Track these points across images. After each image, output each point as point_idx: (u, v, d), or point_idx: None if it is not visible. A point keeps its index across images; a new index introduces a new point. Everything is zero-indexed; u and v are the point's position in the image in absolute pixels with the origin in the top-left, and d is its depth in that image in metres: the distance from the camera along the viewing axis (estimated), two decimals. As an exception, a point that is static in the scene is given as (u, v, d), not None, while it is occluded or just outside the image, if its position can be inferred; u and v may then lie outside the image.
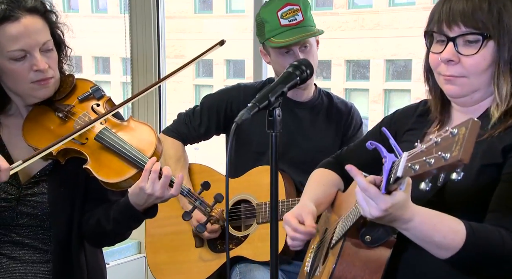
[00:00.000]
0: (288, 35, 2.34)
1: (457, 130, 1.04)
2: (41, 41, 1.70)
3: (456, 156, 1.01)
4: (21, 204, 1.76)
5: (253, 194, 2.45)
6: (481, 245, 1.31)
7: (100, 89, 1.85)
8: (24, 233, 1.78)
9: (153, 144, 1.75)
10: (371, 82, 10.39)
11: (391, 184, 1.20)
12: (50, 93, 1.77)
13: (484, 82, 1.46)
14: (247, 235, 2.44)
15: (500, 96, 1.44)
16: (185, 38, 10.25)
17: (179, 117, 2.60)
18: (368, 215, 1.26)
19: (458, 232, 1.30)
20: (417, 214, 1.28)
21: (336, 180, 1.81)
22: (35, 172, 1.79)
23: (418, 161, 1.09)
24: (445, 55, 1.45)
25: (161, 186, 1.67)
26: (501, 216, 1.36)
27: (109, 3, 11.33)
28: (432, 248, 1.33)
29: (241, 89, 2.53)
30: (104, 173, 1.71)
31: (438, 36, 1.47)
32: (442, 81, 1.50)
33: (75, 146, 1.75)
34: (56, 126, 1.79)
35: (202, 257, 2.51)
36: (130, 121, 1.83)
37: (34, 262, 1.79)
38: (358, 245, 1.43)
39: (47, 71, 1.71)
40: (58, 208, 1.77)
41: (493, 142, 1.43)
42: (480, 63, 1.43)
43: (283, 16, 2.37)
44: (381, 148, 1.23)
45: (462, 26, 1.42)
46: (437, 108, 1.58)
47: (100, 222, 1.78)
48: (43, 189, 1.78)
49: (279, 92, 1.36)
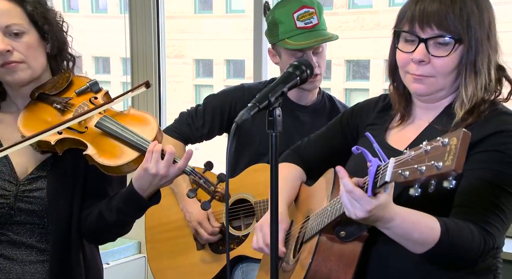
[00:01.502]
0: (304, 38, 2.33)
1: (448, 139, 1.09)
2: (2, 24, 1.68)
3: (450, 166, 1.07)
4: (19, 200, 1.75)
5: (251, 193, 2.45)
6: (454, 241, 1.38)
7: (97, 83, 1.84)
8: (22, 232, 1.77)
9: (154, 129, 1.75)
10: (371, 82, 10.38)
11: (377, 188, 1.26)
12: (20, 78, 1.74)
13: (449, 81, 1.51)
14: (248, 234, 2.44)
15: (466, 96, 1.50)
16: (185, 38, 10.24)
17: (181, 117, 2.59)
18: (353, 216, 1.32)
19: (434, 229, 1.38)
20: (398, 214, 1.35)
21: (300, 173, 1.86)
22: (33, 167, 1.78)
23: (409, 168, 1.15)
24: (417, 56, 1.49)
25: (165, 164, 1.66)
26: (468, 211, 1.43)
27: (109, 3, 11.32)
28: (409, 244, 1.40)
29: (245, 90, 2.52)
30: (105, 157, 1.70)
31: (408, 36, 1.51)
32: (409, 80, 1.54)
33: (73, 135, 1.74)
34: (53, 118, 1.78)
35: (204, 259, 2.52)
36: (131, 110, 1.83)
37: (32, 262, 1.78)
38: (333, 240, 1.49)
39: (11, 54, 1.69)
40: (57, 203, 1.76)
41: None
42: (449, 65, 1.48)
43: (299, 18, 2.35)
44: (366, 152, 1.29)
45: (435, 28, 1.46)
46: (400, 103, 1.63)
47: (102, 215, 1.76)
48: (42, 185, 1.76)
49: (279, 92, 1.37)
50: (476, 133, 1.45)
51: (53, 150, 1.74)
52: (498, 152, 1.45)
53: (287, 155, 1.91)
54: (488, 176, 1.44)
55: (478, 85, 1.49)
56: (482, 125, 1.48)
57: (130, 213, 1.76)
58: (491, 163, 1.44)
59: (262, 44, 3.15)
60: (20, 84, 1.77)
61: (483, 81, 1.50)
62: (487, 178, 1.44)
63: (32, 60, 1.75)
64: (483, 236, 1.41)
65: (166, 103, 3.60)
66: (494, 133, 1.46)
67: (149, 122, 1.79)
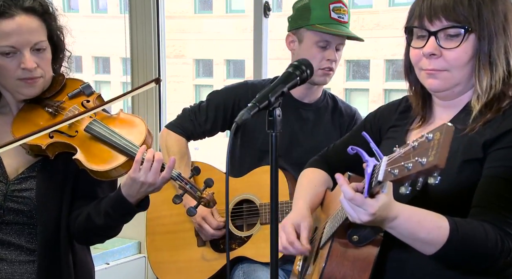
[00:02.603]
0: (336, 28, 2.37)
1: (432, 135, 1.07)
2: (32, 41, 1.70)
3: (432, 162, 1.04)
4: (8, 200, 1.75)
5: (256, 195, 2.44)
6: (465, 240, 1.34)
7: (90, 86, 1.86)
8: (11, 232, 1.77)
9: (143, 133, 1.76)
10: (371, 82, 10.38)
11: (373, 188, 1.24)
12: (36, 92, 1.77)
13: (465, 75, 1.48)
14: (251, 235, 2.44)
15: (481, 88, 1.46)
16: (185, 38, 10.24)
17: (184, 113, 2.58)
18: (357, 220, 1.30)
19: (442, 228, 1.34)
20: (401, 212, 1.32)
21: (325, 179, 1.84)
22: (24, 168, 1.79)
23: (398, 166, 1.12)
24: (427, 49, 1.46)
25: (153, 172, 1.67)
26: (485, 211, 1.39)
27: (109, 3, 11.32)
28: (417, 244, 1.37)
29: (248, 87, 2.52)
30: (94, 162, 1.71)
31: (419, 31, 1.50)
32: (424, 76, 1.52)
33: (64, 139, 1.75)
34: (45, 121, 1.79)
35: (205, 256, 2.51)
36: (120, 114, 1.84)
37: (21, 262, 1.78)
38: (346, 245, 1.46)
39: (35, 70, 1.72)
40: (46, 203, 1.76)
41: (473, 137, 1.45)
42: (461, 57, 1.45)
43: (334, 10, 2.39)
44: (362, 152, 1.27)
45: (444, 19, 1.44)
46: (418, 104, 1.61)
47: (90, 217, 1.77)
48: (31, 185, 1.77)
49: (279, 92, 1.36)
50: (495, 129, 1.43)
51: (45, 153, 1.75)
52: None
53: (314, 161, 1.90)
54: (505, 173, 1.39)
55: (494, 77, 1.45)
56: (501, 121, 1.44)
57: (117, 218, 1.77)
58: (508, 161, 1.40)
59: (262, 44, 3.15)
60: (33, 97, 1.79)
61: (501, 73, 1.45)
62: (504, 175, 1.39)
63: (47, 74, 1.79)
64: (500, 236, 1.36)
65: (166, 103, 3.59)
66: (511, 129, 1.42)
67: (138, 125, 1.80)
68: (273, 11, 3.17)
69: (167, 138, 2.55)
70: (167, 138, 2.55)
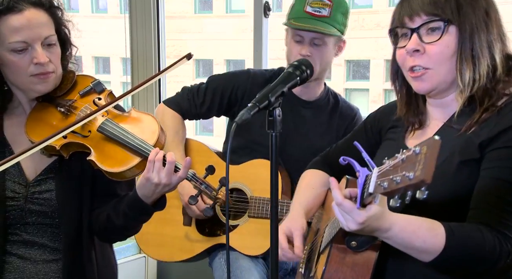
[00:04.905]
0: (303, 22, 2.33)
1: (420, 148, 1.06)
2: (43, 35, 1.70)
3: (419, 176, 1.03)
4: (29, 202, 1.77)
5: (249, 186, 2.44)
6: (462, 245, 1.34)
7: (101, 83, 1.85)
8: (34, 232, 1.79)
9: (155, 132, 1.76)
10: (371, 82, 10.39)
11: (365, 199, 1.23)
12: (49, 88, 1.77)
13: (449, 71, 1.48)
14: (237, 225, 2.44)
15: (463, 82, 1.47)
16: (185, 38, 10.25)
17: (183, 92, 2.58)
18: (346, 228, 1.31)
19: (438, 235, 1.33)
20: (395, 223, 1.31)
21: (326, 180, 1.83)
22: (42, 169, 1.80)
23: (387, 179, 1.12)
24: (410, 45, 1.48)
25: (167, 173, 1.67)
26: (483, 213, 1.38)
27: (109, 3, 11.33)
28: (414, 253, 1.36)
29: (250, 76, 2.50)
30: (108, 163, 1.72)
31: (401, 30, 1.52)
32: (410, 79, 1.53)
33: (77, 139, 1.75)
34: (58, 121, 1.79)
35: (189, 236, 2.50)
36: (132, 112, 1.83)
37: (45, 261, 1.80)
38: (345, 250, 1.46)
39: (47, 65, 1.72)
40: (66, 204, 1.77)
41: (470, 138, 1.45)
42: (444, 51, 1.46)
43: (311, 3, 2.36)
44: (354, 163, 1.27)
45: (423, 15, 1.46)
46: (408, 110, 1.61)
47: (110, 218, 1.78)
48: (51, 186, 1.78)
49: (279, 92, 1.36)
50: (491, 129, 1.42)
51: (59, 153, 1.75)
52: (510, 148, 1.40)
53: (315, 162, 1.90)
54: (501, 174, 1.39)
55: (478, 71, 1.45)
56: (497, 120, 1.43)
57: (135, 218, 1.78)
58: (504, 161, 1.39)
59: (262, 44, 3.15)
60: (46, 93, 1.79)
61: (485, 67, 1.46)
62: (500, 176, 1.39)
63: (58, 69, 1.78)
64: (498, 239, 1.35)
65: (166, 103, 3.59)
66: (506, 128, 1.41)
67: (151, 124, 1.79)
68: (273, 11, 3.17)
69: (163, 113, 2.54)
70: (163, 113, 2.54)
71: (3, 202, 1.75)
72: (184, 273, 3.48)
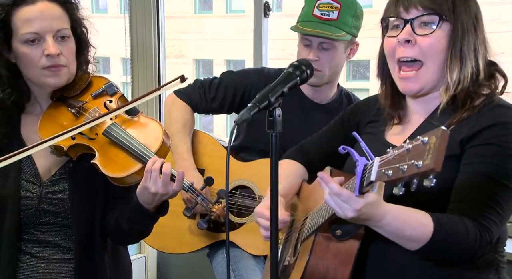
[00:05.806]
0: (310, 26, 2.32)
1: (428, 138, 1.10)
2: (55, 27, 1.72)
3: (428, 165, 1.07)
4: (43, 202, 1.78)
5: (257, 185, 2.43)
6: (447, 237, 1.39)
7: (113, 86, 1.87)
8: (48, 231, 1.80)
9: (159, 139, 1.77)
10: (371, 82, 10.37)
11: (364, 187, 1.27)
12: (60, 82, 1.78)
13: (438, 69, 1.52)
14: (243, 224, 2.43)
15: (451, 79, 1.51)
16: (185, 38, 10.24)
17: (195, 84, 2.55)
18: (343, 216, 1.34)
19: (426, 225, 1.39)
20: (389, 212, 1.36)
21: (301, 171, 1.87)
22: (56, 169, 1.81)
23: (392, 167, 1.15)
24: (402, 35, 1.51)
25: (163, 184, 1.68)
26: (464, 206, 1.45)
27: (109, 3, 11.32)
28: (402, 241, 1.42)
29: (263, 75, 2.48)
30: (110, 168, 1.73)
31: (395, 21, 1.54)
32: (398, 80, 1.56)
33: (84, 141, 1.77)
34: (69, 122, 1.81)
35: (192, 230, 2.49)
36: (140, 117, 1.84)
37: (58, 260, 1.81)
38: (329, 239, 1.51)
39: (59, 57, 1.74)
40: (78, 205, 1.78)
41: (451, 135, 1.47)
42: (435, 44, 1.50)
43: (319, 7, 2.33)
44: (353, 152, 1.29)
45: (420, 7, 1.49)
46: (389, 104, 1.64)
47: (117, 221, 1.80)
48: (64, 187, 1.79)
49: (279, 92, 1.37)
50: (471, 127, 1.47)
51: (67, 154, 1.77)
52: (493, 145, 1.46)
53: (290, 152, 1.92)
54: (483, 169, 1.45)
55: (463, 72, 1.50)
56: (477, 119, 1.49)
57: (140, 222, 1.79)
58: (486, 157, 1.45)
59: (262, 44, 3.15)
60: (58, 87, 1.80)
61: (469, 69, 1.51)
62: (482, 171, 1.45)
63: (72, 65, 1.80)
64: (479, 231, 1.42)
65: (166, 103, 3.59)
66: (488, 126, 1.47)
67: (155, 130, 1.80)
68: (273, 11, 3.18)
69: (173, 103, 2.52)
70: (172, 103, 2.52)
71: (18, 201, 1.76)
72: (184, 273, 3.48)
